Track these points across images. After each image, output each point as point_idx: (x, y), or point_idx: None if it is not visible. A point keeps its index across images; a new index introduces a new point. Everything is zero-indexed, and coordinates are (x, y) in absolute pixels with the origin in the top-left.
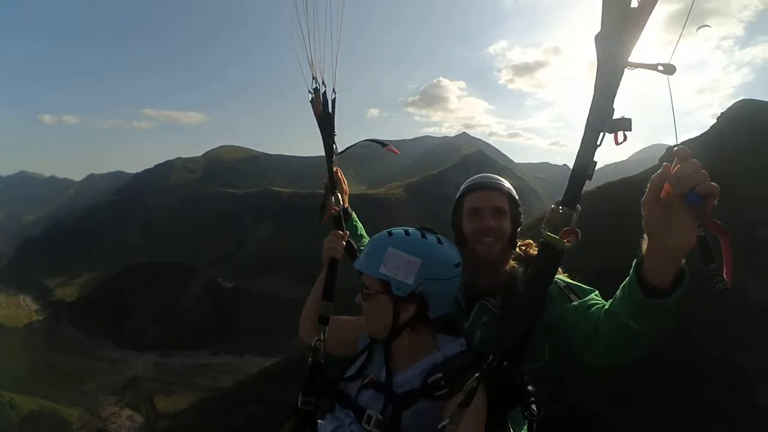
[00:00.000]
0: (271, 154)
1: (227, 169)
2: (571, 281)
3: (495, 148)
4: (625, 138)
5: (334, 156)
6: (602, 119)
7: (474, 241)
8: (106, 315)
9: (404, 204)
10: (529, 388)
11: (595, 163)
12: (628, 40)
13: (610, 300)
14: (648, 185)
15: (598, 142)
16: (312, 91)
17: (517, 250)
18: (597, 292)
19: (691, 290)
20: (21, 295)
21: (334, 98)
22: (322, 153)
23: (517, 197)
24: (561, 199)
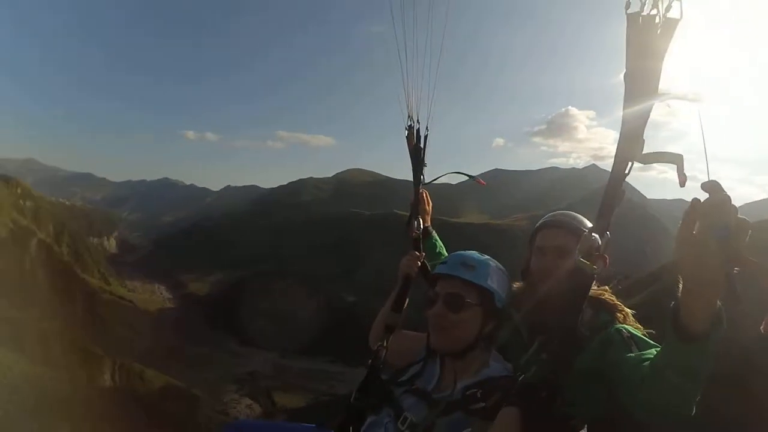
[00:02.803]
0: (397, 179)
1: (355, 190)
2: (637, 333)
3: (627, 182)
4: (685, 178)
5: (421, 186)
6: (631, 149)
7: (538, 281)
8: (232, 312)
9: (528, 237)
10: None
11: (623, 192)
12: (653, 75)
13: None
14: (680, 222)
15: (627, 171)
16: (407, 127)
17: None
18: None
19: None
20: (155, 284)
21: (426, 135)
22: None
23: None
24: (592, 225)
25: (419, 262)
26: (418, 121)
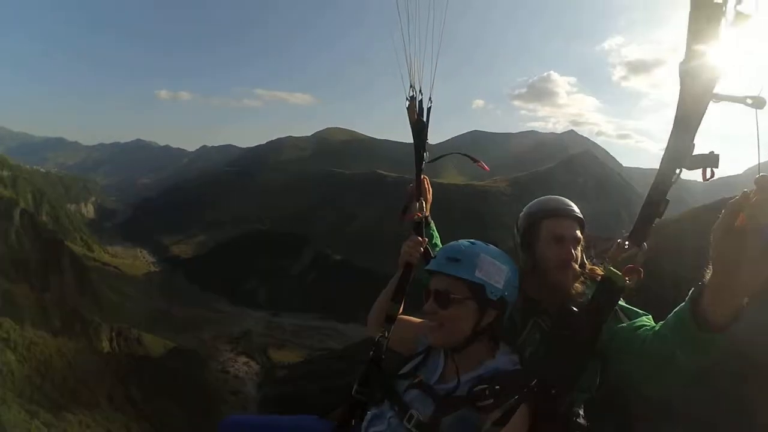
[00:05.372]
0: (378, 139)
1: (335, 149)
2: (625, 304)
3: (603, 149)
4: (713, 174)
5: (424, 164)
6: (681, 155)
7: (557, 270)
8: (220, 273)
9: (510, 198)
10: (580, 420)
11: (668, 201)
12: (716, 71)
13: (661, 323)
14: (723, 211)
15: (674, 180)
16: (409, 98)
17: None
18: (650, 315)
19: None
20: (138, 248)
21: (430, 107)
22: (428, 141)
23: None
24: (627, 234)
25: (421, 248)
26: (420, 91)
